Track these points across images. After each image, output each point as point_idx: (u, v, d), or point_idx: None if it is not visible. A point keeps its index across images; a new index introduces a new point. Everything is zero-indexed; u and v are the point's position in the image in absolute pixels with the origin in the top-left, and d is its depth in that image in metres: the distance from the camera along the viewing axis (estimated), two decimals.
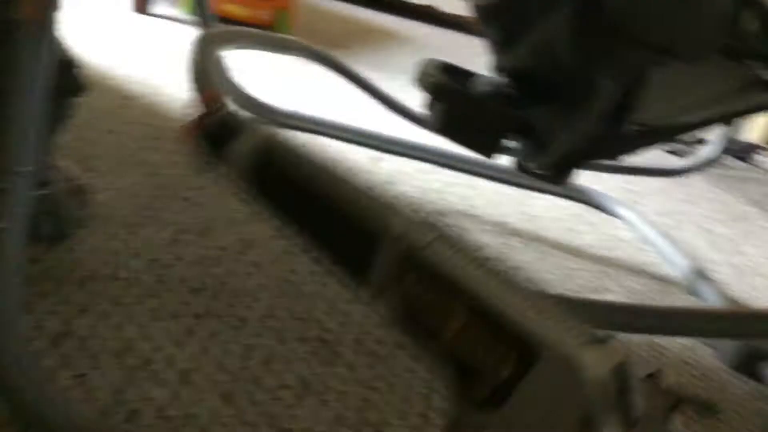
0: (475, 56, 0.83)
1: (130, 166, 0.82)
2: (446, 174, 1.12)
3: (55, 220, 0.64)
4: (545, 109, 0.65)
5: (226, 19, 1.53)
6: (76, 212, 0.69)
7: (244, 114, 0.38)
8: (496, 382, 0.26)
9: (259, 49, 1.00)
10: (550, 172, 0.60)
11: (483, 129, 0.67)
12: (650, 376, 0.26)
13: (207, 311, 0.61)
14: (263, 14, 1.62)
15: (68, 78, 0.62)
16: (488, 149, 0.68)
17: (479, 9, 0.70)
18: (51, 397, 0.45)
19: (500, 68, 0.70)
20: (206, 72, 0.67)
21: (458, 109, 0.67)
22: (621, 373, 0.25)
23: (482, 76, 0.70)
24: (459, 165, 1.11)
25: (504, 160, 0.72)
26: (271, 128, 0.37)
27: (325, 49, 1.56)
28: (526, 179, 1.02)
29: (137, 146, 0.88)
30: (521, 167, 0.71)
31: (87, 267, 0.62)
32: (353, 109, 1.29)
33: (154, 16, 1.53)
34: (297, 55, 1.20)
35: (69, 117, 0.65)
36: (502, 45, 0.67)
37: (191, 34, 0.74)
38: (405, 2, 2.50)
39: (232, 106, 0.40)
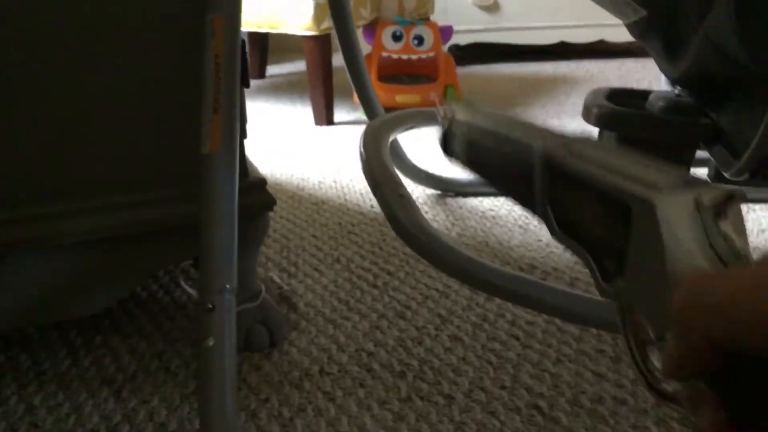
0: (654, 79, 0.78)
1: (327, 266, 0.88)
2: None
3: (268, 328, 0.70)
4: (731, 110, 0.59)
5: (402, 110, 1.60)
6: (286, 317, 0.74)
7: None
8: (617, 252, 0.29)
9: (424, 125, 1.03)
10: (749, 177, 0.53)
11: (671, 145, 0.62)
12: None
13: (413, 394, 0.61)
14: (432, 95, 1.68)
15: (259, 196, 0.69)
16: (682, 165, 0.63)
17: (631, 27, 0.66)
18: None
19: (672, 80, 0.65)
20: (375, 159, 0.70)
21: (636, 131, 0.63)
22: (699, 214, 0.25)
23: (655, 92, 0.66)
24: None
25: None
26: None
27: (496, 108, 1.57)
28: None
29: (332, 245, 0.94)
30: (719, 177, 0.64)
31: (300, 367, 0.66)
32: None
33: (337, 124, 1.66)
34: None
35: (264, 231, 0.71)
36: (667, 56, 0.62)
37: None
38: (571, 44, 2.45)
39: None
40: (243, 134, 0.62)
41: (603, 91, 0.63)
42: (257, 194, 0.66)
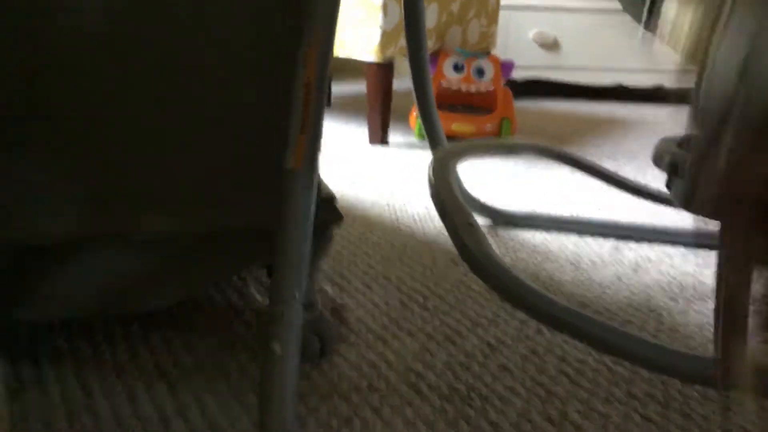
0: None
1: (378, 284, 0.90)
2: (700, 255, 1.03)
3: (320, 339, 0.72)
4: None
5: (454, 138, 1.62)
6: (337, 330, 0.76)
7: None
8: None
9: (491, 156, 1.05)
10: None
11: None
12: None
13: (460, 418, 0.62)
14: (487, 126, 1.69)
15: (329, 211, 0.71)
16: None
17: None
18: None
19: None
20: (445, 186, 0.72)
21: None
22: None
23: None
24: (712, 243, 1.02)
25: None
26: None
27: (550, 145, 1.57)
28: None
29: (383, 265, 0.96)
30: None
31: (349, 380, 0.68)
32: (585, 202, 1.27)
33: (390, 145, 1.69)
34: (526, 155, 1.23)
35: (329, 245, 0.73)
36: None
37: (424, 156, 0.81)
38: (628, 88, 2.44)
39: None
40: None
41: (674, 138, 0.64)
42: (327, 210, 0.68)
